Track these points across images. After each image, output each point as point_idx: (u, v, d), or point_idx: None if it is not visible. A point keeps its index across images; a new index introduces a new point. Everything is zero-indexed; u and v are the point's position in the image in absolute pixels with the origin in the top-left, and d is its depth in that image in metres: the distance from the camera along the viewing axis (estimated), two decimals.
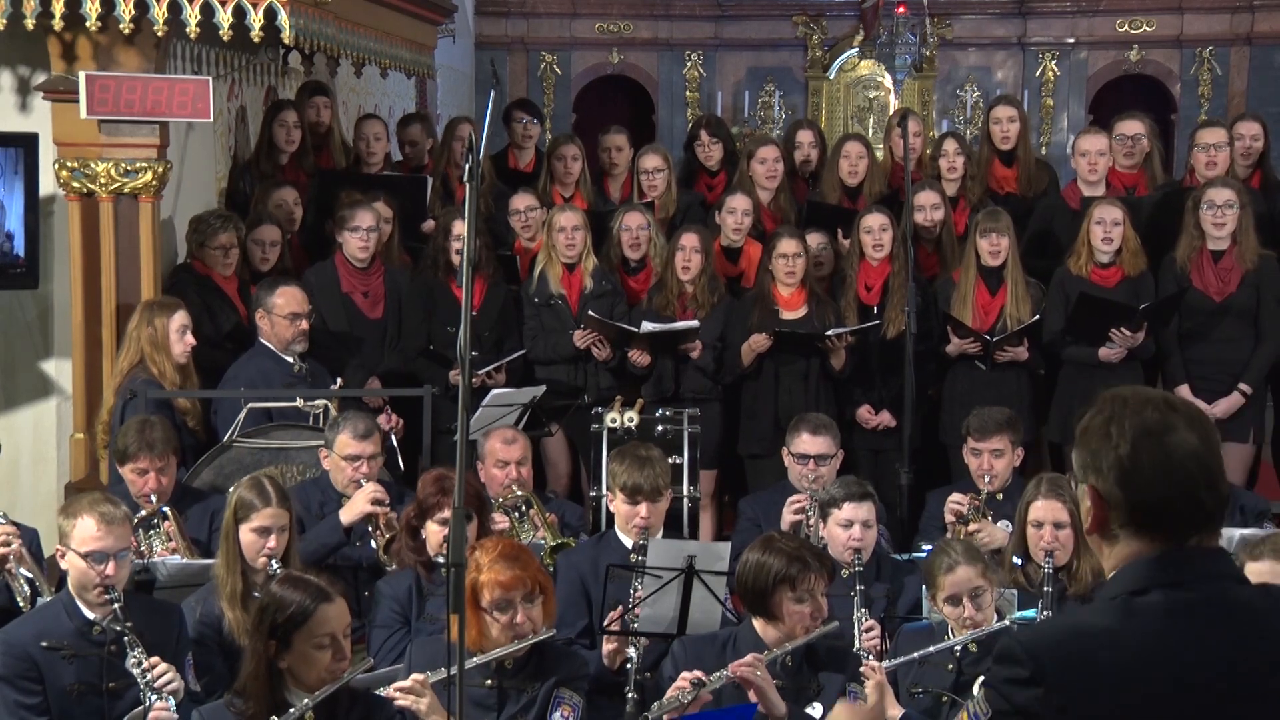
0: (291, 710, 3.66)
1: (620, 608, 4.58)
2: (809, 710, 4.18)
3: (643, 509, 4.95)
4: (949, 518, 5.59)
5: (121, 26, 5.91)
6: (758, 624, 4.28)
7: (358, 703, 3.83)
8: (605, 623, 4.62)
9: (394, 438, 6.24)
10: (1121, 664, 2.15)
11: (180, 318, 5.95)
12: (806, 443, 5.70)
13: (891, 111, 11.23)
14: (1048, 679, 2.15)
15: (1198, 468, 2.22)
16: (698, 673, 4.08)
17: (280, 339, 6.16)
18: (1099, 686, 2.14)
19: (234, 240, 6.65)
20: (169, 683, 4.07)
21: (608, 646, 4.62)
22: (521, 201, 7.41)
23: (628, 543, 4.97)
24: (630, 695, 4.39)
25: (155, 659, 4.10)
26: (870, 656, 4.42)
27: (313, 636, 3.69)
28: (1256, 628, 2.21)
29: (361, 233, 6.76)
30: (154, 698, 4.04)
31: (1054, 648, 2.19)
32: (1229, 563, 2.28)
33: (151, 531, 5.16)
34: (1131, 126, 7.48)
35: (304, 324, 6.18)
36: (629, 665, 4.48)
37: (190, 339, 5.96)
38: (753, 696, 4.05)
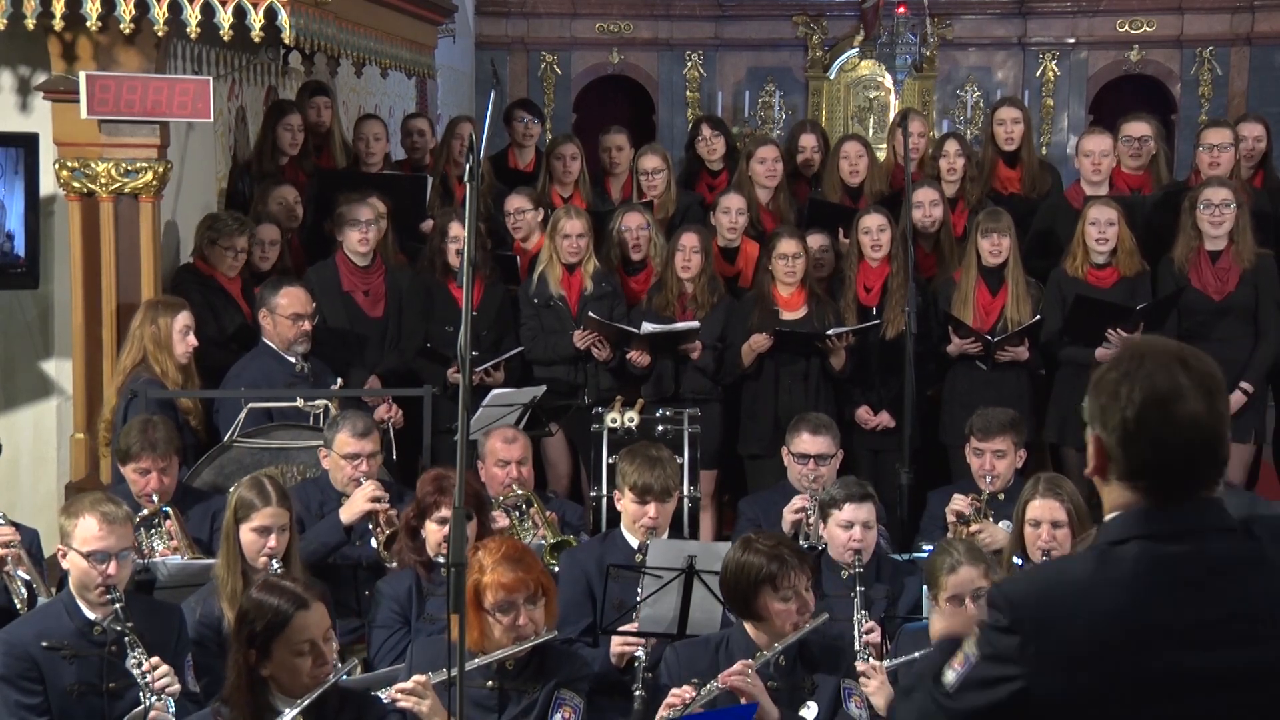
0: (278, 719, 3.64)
1: (632, 615, 4.58)
2: (803, 711, 4.18)
3: (651, 509, 4.95)
4: (950, 518, 5.58)
5: (122, 26, 5.91)
6: (748, 626, 4.27)
7: (348, 703, 3.81)
8: (621, 629, 4.62)
9: (391, 429, 6.24)
10: (1089, 612, 2.23)
11: (184, 318, 5.95)
12: (806, 443, 5.69)
13: (893, 112, 11.22)
14: (1024, 627, 2.24)
15: (1199, 437, 2.28)
16: (688, 691, 4.07)
17: (283, 339, 6.17)
18: (1069, 634, 2.23)
19: (247, 244, 6.68)
20: (165, 684, 4.06)
21: (616, 647, 4.62)
22: (513, 203, 7.38)
23: (634, 542, 4.97)
24: (638, 693, 4.39)
25: (155, 659, 4.09)
26: (871, 657, 4.42)
27: (291, 644, 3.67)
28: (1231, 580, 2.26)
29: (361, 226, 6.78)
30: (154, 698, 4.03)
31: (1029, 596, 2.30)
32: (1218, 515, 2.31)
33: (153, 531, 5.16)
34: (1138, 128, 7.43)
35: (306, 324, 6.19)
36: (636, 664, 4.48)
37: (193, 339, 5.96)
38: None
